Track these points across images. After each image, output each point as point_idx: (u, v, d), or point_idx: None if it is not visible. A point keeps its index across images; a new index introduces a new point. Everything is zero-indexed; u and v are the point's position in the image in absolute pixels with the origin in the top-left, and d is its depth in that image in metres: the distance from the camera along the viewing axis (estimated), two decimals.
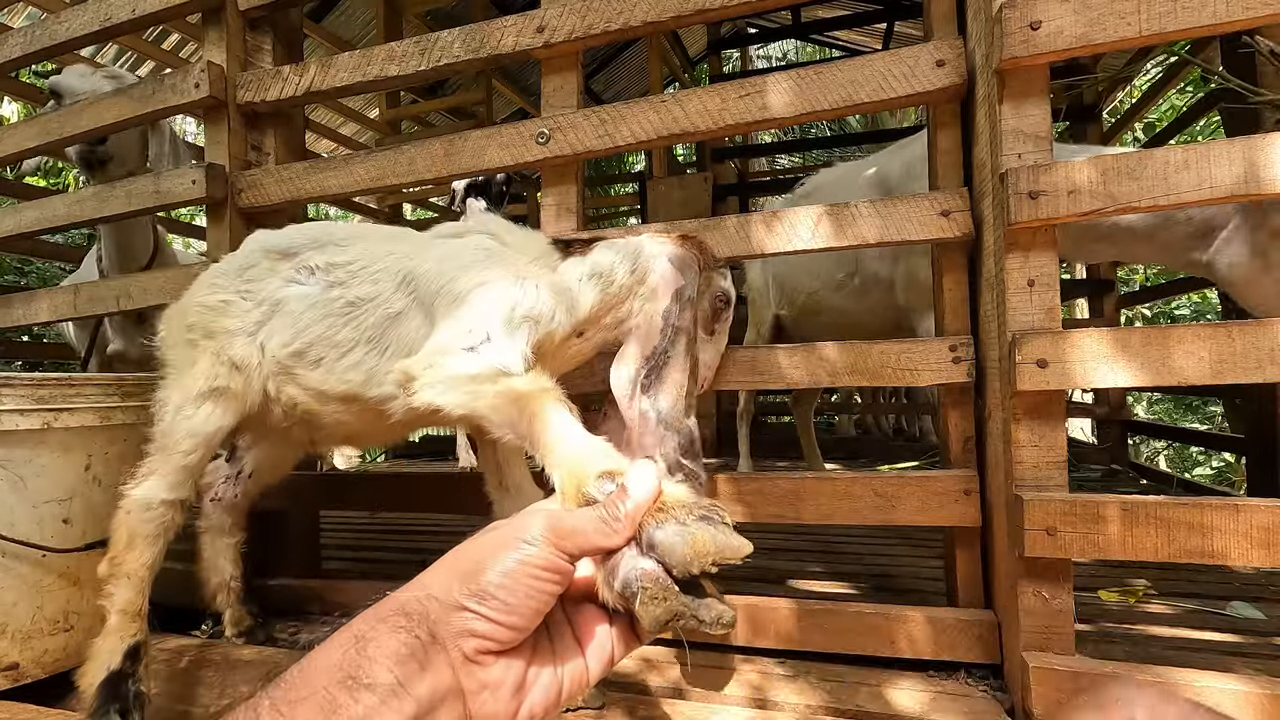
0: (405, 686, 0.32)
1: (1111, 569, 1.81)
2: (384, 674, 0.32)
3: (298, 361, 1.17)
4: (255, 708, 0.30)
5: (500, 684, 0.36)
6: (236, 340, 1.21)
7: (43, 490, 1.28)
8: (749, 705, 1.15)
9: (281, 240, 1.28)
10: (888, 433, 4.96)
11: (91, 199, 1.85)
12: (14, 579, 1.25)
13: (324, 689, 0.31)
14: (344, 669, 0.32)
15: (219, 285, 1.26)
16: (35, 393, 1.25)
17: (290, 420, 1.26)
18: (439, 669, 0.34)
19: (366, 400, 1.14)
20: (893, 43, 5.56)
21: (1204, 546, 0.97)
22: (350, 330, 1.14)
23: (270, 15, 1.81)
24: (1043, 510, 1.04)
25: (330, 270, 1.19)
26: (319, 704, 0.30)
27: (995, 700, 1.11)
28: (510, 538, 0.38)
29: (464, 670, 0.35)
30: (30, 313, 1.99)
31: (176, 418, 1.22)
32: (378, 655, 0.33)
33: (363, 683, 0.31)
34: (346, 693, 0.31)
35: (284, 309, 1.20)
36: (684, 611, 0.38)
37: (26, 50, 1.95)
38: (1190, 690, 0.95)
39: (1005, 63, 1.08)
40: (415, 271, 1.12)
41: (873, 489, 1.26)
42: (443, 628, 0.35)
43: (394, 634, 0.33)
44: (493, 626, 0.35)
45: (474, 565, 0.37)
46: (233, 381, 1.20)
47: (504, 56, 1.52)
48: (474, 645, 0.35)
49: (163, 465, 1.21)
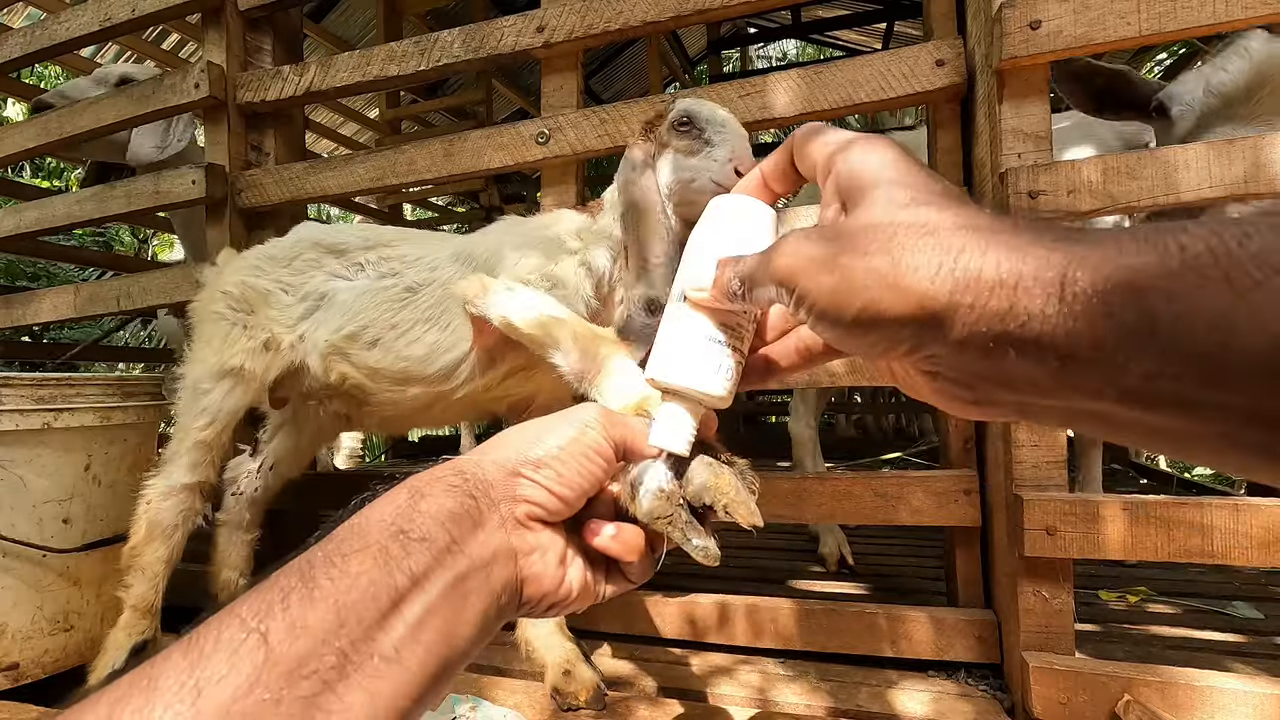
0: (458, 543, 0.33)
1: (1111, 568, 1.81)
2: (437, 530, 0.32)
3: (351, 343, 1.21)
4: (309, 559, 0.30)
5: (548, 549, 0.37)
6: (275, 327, 1.25)
7: (43, 490, 1.28)
8: (749, 705, 1.15)
9: (332, 236, 1.31)
10: (888, 432, 4.96)
11: (91, 199, 1.85)
12: (14, 579, 1.25)
13: (377, 542, 0.31)
14: (397, 524, 0.32)
15: (263, 270, 1.29)
16: (35, 393, 1.25)
17: (332, 394, 1.29)
18: (492, 529, 0.35)
19: (425, 376, 1.17)
20: (892, 42, 5.56)
21: (1204, 546, 0.97)
22: (409, 312, 1.18)
23: (270, 15, 1.81)
24: (1042, 510, 1.04)
25: (382, 263, 1.24)
26: (372, 556, 0.30)
27: (995, 700, 1.11)
28: (569, 418, 0.40)
29: (515, 533, 0.36)
30: (31, 313, 1.99)
31: (193, 394, 1.25)
32: (431, 510, 0.33)
33: (414, 537, 0.31)
34: (399, 545, 0.31)
35: (331, 302, 1.24)
36: (676, 517, 0.40)
37: (26, 50, 1.95)
38: (1191, 690, 0.95)
39: (1005, 62, 1.08)
40: (471, 248, 1.19)
41: (873, 489, 1.26)
42: (497, 490, 0.36)
43: (448, 493, 0.34)
44: (545, 494, 0.37)
45: (533, 437, 0.39)
46: (254, 362, 1.23)
47: (504, 56, 1.52)
48: (525, 510, 0.36)
49: (179, 446, 1.24)
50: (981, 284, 0.25)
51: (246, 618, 0.27)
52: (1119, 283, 0.23)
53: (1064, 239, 0.25)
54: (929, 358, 0.29)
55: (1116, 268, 0.23)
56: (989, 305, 0.25)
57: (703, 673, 1.24)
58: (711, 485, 0.40)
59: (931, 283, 0.26)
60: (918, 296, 0.27)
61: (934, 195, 0.29)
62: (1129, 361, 0.23)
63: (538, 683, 1.17)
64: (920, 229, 0.28)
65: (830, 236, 0.31)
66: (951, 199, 0.29)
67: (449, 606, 0.31)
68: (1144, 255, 0.23)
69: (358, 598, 0.28)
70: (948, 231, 0.27)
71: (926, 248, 0.27)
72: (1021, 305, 0.25)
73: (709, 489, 0.40)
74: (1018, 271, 0.25)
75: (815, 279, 0.30)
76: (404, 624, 0.29)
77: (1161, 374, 0.23)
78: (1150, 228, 0.23)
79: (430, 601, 0.30)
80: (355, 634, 0.28)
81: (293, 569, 0.30)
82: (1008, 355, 0.26)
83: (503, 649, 1.32)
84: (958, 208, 0.28)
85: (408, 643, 0.29)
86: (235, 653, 0.26)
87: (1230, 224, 0.22)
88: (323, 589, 0.28)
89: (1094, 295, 0.23)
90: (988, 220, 0.27)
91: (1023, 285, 0.25)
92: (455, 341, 1.15)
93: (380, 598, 0.29)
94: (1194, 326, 0.21)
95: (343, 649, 0.27)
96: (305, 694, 0.26)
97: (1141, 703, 0.96)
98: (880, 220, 0.29)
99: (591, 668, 1.16)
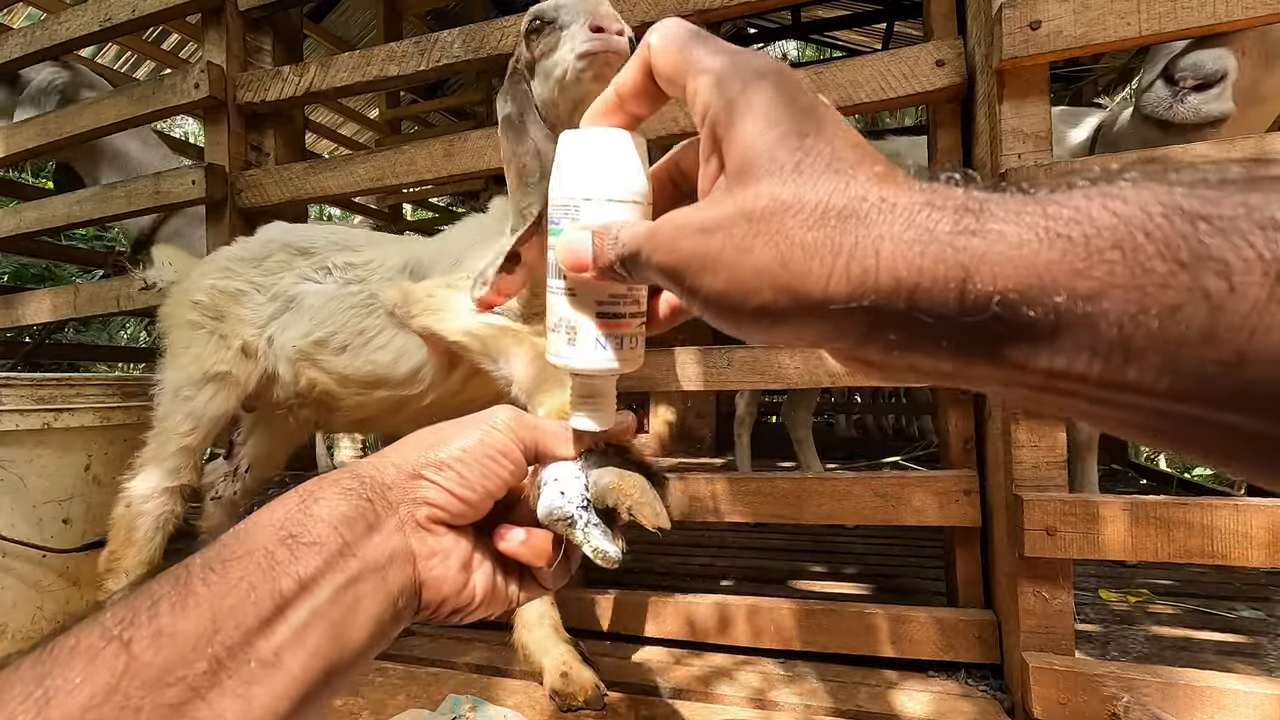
0: (351, 546, 0.31)
1: (1112, 568, 1.81)
2: (329, 533, 0.31)
3: (320, 349, 1.21)
4: (186, 567, 0.28)
5: (450, 553, 0.36)
6: (247, 330, 1.24)
7: (42, 490, 1.28)
8: (749, 705, 1.15)
9: (302, 237, 1.30)
10: (888, 432, 4.96)
11: (91, 200, 1.85)
12: (14, 579, 1.25)
13: (263, 547, 0.29)
14: (286, 528, 0.31)
15: (234, 271, 1.28)
16: (35, 393, 1.25)
17: (301, 401, 1.29)
18: (389, 531, 0.34)
19: (392, 380, 1.18)
20: (892, 43, 5.56)
21: (1204, 546, 0.97)
22: (374, 319, 1.18)
23: (270, 15, 1.81)
24: (1042, 510, 1.04)
25: (349, 269, 1.23)
26: (256, 562, 0.29)
27: (995, 700, 1.11)
28: (475, 421, 0.39)
29: (415, 536, 0.35)
30: (32, 312, 1.99)
31: (175, 400, 1.23)
32: (323, 514, 0.32)
33: (303, 541, 0.30)
34: (287, 550, 0.30)
35: (300, 304, 1.23)
36: (576, 518, 0.39)
37: (26, 50, 1.95)
38: (1191, 690, 0.95)
39: (1005, 62, 1.08)
40: (419, 254, 1.20)
41: (873, 489, 1.26)
42: (396, 492, 0.35)
43: (343, 496, 0.33)
44: (446, 496, 0.36)
45: (437, 439, 0.38)
46: (237, 368, 1.23)
47: (504, 56, 1.51)
48: (426, 513, 0.35)
49: (160, 450, 1.22)
50: (880, 287, 0.23)
51: (110, 625, 0.26)
52: (1019, 284, 0.21)
53: (969, 230, 0.22)
54: (832, 348, 0.28)
55: (1018, 268, 0.21)
56: (889, 306, 0.23)
57: (703, 673, 1.24)
58: (614, 487, 0.39)
59: (825, 287, 0.24)
60: (813, 302, 0.24)
61: (825, 158, 0.25)
62: (1029, 361, 0.22)
63: (537, 683, 1.17)
64: (810, 214, 0.25)
65: (711, 225, 0.27)
66: (845, 161, 0.25)
67: (338, 610, 0.30)
68: (1046, 250, 0.21)
69: (235, 603, 0.27)
70: (838, 218, 0.24)
71: (817, 243, 0.24)
72: (922, 306, 0.23)
73: (612, 490, 0.39)
74: (916, 270, 0.23)
75: (700, 279, 0.27)
76: (288, 628, 0.28)
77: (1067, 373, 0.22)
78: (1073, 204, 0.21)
79: (317, 605, 0.29)
80: (232, 639, 0.27)
81: (168, 575, 0.28)
82: (911, 351, 0.24)
83: (502, 650, 1.32)
84: (852, 176, 0.25)
85: (290, 646, 0.28)
86: (93, 661, 0.24)
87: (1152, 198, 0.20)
88: (197, 595, 0.27)
89: (995, 295, 0.21)
90: (881, 195, 0.24)
91: (921, 288, 0.23)
92: (416, 347, 1.16)
93: (262, 603, 0.28)
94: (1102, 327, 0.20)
95: (216, 655, 0.26)
96: (171, 701, 0.24)
97: (1141, 703, 0.96)
98: (765, 202, 0.26)
99: (589, 668, 1.16)
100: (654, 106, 0.35)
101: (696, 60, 0.29)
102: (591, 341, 0.37)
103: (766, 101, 0.27)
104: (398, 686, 1.19)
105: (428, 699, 1.15)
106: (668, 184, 0.37)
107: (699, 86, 0.29)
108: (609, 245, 0.32)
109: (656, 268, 0.30)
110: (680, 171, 0.37)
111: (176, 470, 1.22)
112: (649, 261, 0.30)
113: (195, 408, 1.22)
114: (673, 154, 0.37)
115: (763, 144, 0.26)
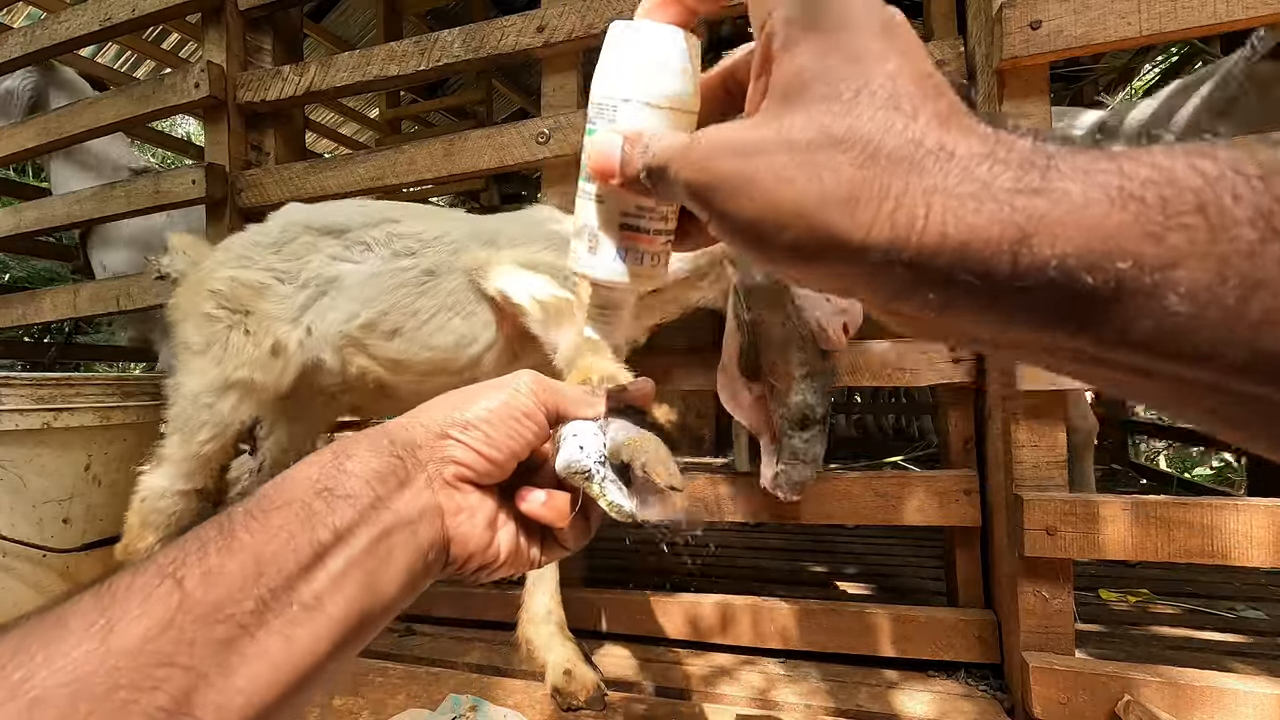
0: (384, 500, 0.33)
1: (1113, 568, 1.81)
2: (362, 487, 0.32)
3: (369, 333, 1.14)
4: (229, 515, 0.30)
5: (476, 511, 0.37)
6: (279, 326, 1.16)
7: (42, 490, 1.28)
8: (749, 705, 1.15)
9: (325, 216, 1.22)
10: (888, 432, 4.96)
11: (91, 199, 1.85)
12: (14, 579, 1.25)
13: (300, 499, 0.31)
14: (321, 482, 0.32)
15: (252, 259, 1.20)
16: (35, 392, 1.25)
17: (346, 388, 1.24)
18: (418, 488, 0.35)
19: (453, 367, 1.14)
20: None
21: (1204, 546, 0.97)
22: (429, 299, 1.12)
23: (270, 15, 1.81)
24: (1042, 510, 1.04)
25: (394, 241, 1.15)
26: (295, 513, 0.30)
27: (995, 700, 1.11)
28: (500, 384, 0.40)
29: (443, 493, 0.36)
30: (32, 311, 1.99)
31: (195, 405, 1.17)
32: (356, 470, 0.33)
33: (338, 494, 0.31)
34: (323, 502, 0.31)
35: (340, 286, 1.15)
36: (594, 472, 0.39)
37: (26, 50, 1.95)
38: (1191, 690, 0.95)
39: (1005, 62, 1.08)
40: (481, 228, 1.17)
41: (873, 489, 1.26)
42: (424, 451, 0.36)
43: (374, 452, 0.34)
44: (473, 455, 0.37)
45: (463, 400, 0.39)
46: (263, 372, 1.15)
47: (504, 56, 1.52)
48: (453, 471, 0.36)
49: (178, 453, 1.19)
50: (925, 242, 0.21)
51: (163, 565, 0.27)
52: (1080, 249, 0.19)
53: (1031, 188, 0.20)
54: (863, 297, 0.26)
55: (1082, 230, 0.19)
56: (931, 263, 0.22)
57: (704, 673, 1.24)
58: (629, 443, 0.39)
59: (866, 234, 0.22)
60: (849, 248, 0.23)
61: (886, 90, 0.23)
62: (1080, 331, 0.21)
63: (537, 683, 1.17)
64: (860, 151, 0.23)
65: (751, 147, 0.25)
66: (907, 97, 0.23)
67: (374, 559, 0.31)
68: (1117, 213, 0.19)
69: (277, 549, 0.29)
70: (889, 160, 0.22)
71: (863, 184, 0.22)
72: (969, 267, 0.21)
73: (627, 446, 0.39)
74: (968, 227, 0.21)
75: (733, 202, 0.25)
76: (326, 575, 0.30)
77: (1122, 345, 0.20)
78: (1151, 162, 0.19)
79: (354, 555, 0.31)
80: (275, 583, 0.28)
81: (213, 522, 0.30)
82: (947, 311, 0.23)
83: (502, 649, 1.32)
84: (911, 116, 0.23)
85: (329, 592, 0.29)
86: (149, 597, 0.26)
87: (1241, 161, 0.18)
88: (241, 540, 0.29)
89: (1052, 260, 0.20)
90: (940, 140, 0.22)
91: (971, 248, 0.21)
92: (480, 331, 1.12)
93: (301, 550, 0.29)
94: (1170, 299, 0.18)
95: (261, 596, 0.27)
96: (221, 637, 0.26)
97: (1141, 703, 0.96)
98: (813, 132, 0.24)
99: (592, 668, 1.16)
100: (714, 6, 0.33)
101: None
102: (612, 252, 0.36)
103: (835, 17, 0.24)
104: (398, 686, 1.19)
105: (428, 699, 1.15)
106: (720, 93, 0.35)
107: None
108: (639, 153, 0.31)
109: (685, 185, 0.28)
110: (735, 81, 0.34)
111: (191, 475, 1.20)
112: (677, 178, 0.28)
113: (215, 416, 1.15)
114: (729, 60, 0.34)
115: (822, 67, 0.24)
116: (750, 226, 0.25)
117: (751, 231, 0.25)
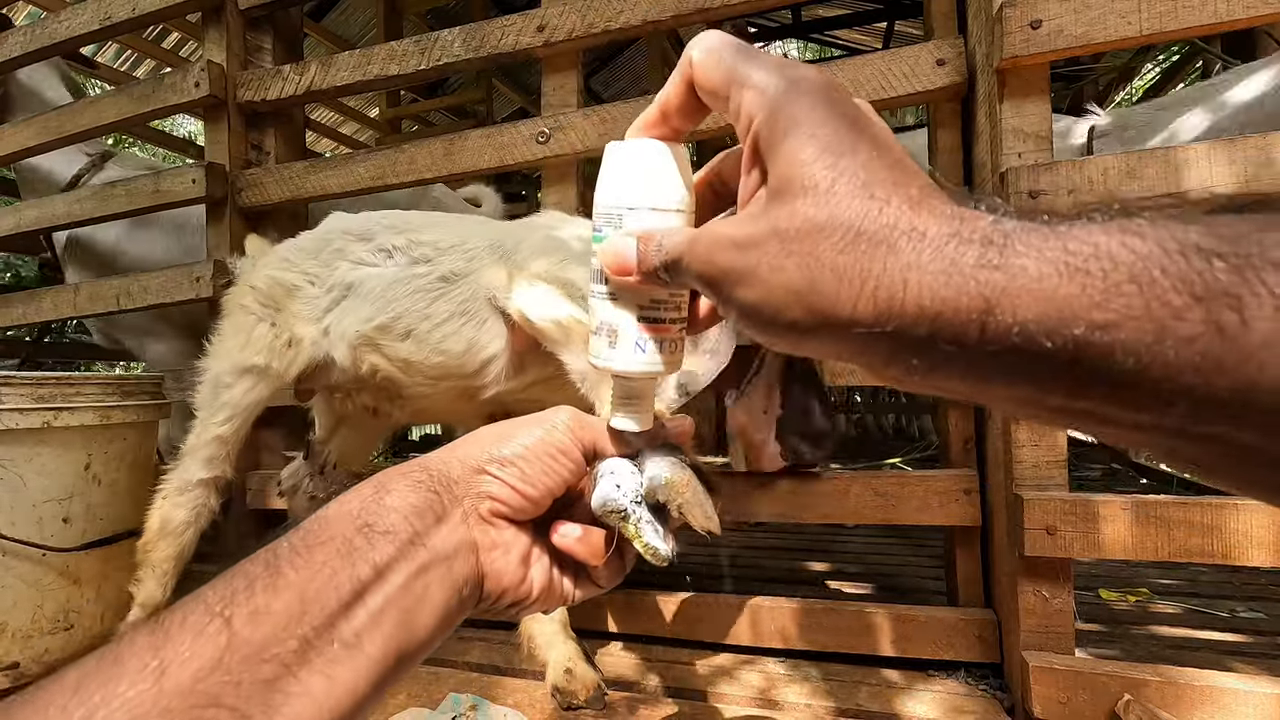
0: (421, 536, 0.33)
1: (1112, 567, 1.81)
2: (401, 523, 0.33)
3: (383, 334, 1.18)
4: (275, 550, 0.31)
5: (510, 547, 0.38)
6: (301, 325, 1.23)
7: (42, 489, 1.28)
8: (750, 705, 1.15)
9: (358, 223, 1.29)
10: (888, 432, 4.96)
11: (91, 199, 1.85)
12: (14, 578, 1.25)
13: (341, 535, 0.32)
14: (361, 517, 0.33)
15: (292, 263, 1.27)
16: (35, 392, 1.25)
17: (360, 386, 1.28)
18: (454, 523, 0.35)
19: (465, 371, 1.15)
20: (893, 42, 5.56)
21: (1204, 546, 0.97)
22: (442, 304, 1.15)
23: (270, 14, 1.81)
24: (1042, 509, 1.04)
25: (413, 248, 1.19)
26: (336, 548, 0.31)
27: (995, 699, 1.11)
28: (538, 419, 0.41)
29: (479, 528, 0.37)
30: (32, 311, 1.99)
31: (215, 387, 1.25)
32: (395, 504, 0.34)
33: (378, 530, 0.32)
34: (364, 538, 0.32)
35: (359, 290, 1.21)
36: (630, 512, 0.39)
37: (27, 49, 1.95)
38: (1191, 690, 0.95)
39: (1005, 62, 1.08)
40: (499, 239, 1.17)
41: (873, 489, 1.26)
42: (461, 486, 0.37)
43: (413, 488, 0.35)
44: (509, 491, 0.37)
45: (500, 436, 0.39)
46: (278, 361, 1.22)
47: (504, 55, 1.52)
48: (489, 507, 0.37)
49: (198, 440, 1.24)
50: (905, 314, 0.24)
51: (212, 603, 0.28)
52: (1039, 316, 0.22)
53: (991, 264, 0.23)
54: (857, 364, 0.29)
55: (1038, 300, 0.22)
56: (912, 332, 0.25)
57: (704, 672, 1.24)
58: (667, 482, 0.40)
59: (852, 310, 0.25)
60: (839, 323, 0.26)
61: (861, 180, 0.26)
62: (1047, 388, 0.23)
63: (538, 682, 1.17)
64: (841, 237, 0.26)
65: (746, 241, 0.28)
66: (881, 185, 0.26)
67: (410, 596, 0.32)
68: (1066, 284, 0.22)
69: (321, 586, 0.29)
70: (868, 243, 0.25)
71: (846, 267, 0.25)
72: (944, 335, 0.24)
73: (664, 487, 0.40)
74: (940, 300, 0.24)
75: (735, 291, 0.29)
76: (366, 612, 0.30)
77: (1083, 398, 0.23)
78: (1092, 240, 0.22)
79: (392, 592, 0.31)
80: (317, 621, 0.29)
81: (259, 558, 0.31)
82: (932, 374, 0.26)
83: (502, 648, 1.32)
84: (885, 201, 0.26)
85: (368, 630, 0.30)
86: (199, 636, 0.26)
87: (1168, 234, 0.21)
88: (287, 578, 0.29)
89: (1015, 327, 0.23)
90: (912, 223, 0.25)
91: (944, 318, 0.24)
92: (490, 339, 1.14)
93: (343, 587, 0.30)
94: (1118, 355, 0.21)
95: (304, 635, 0.28)
96: (266, 677, 0.27)
97: (1141, 702, 0.96)
98: (798, 223, 0.27)
99: (593, 667, 1.16)
100: (696, 120, 0.36)
101: (741, 75, 0.30)
102: (632, 344, 0.38)
103: (810, 119, 0.28)
104: (398, 685, 1.19)
105: (428, 698, 1.15)
106: (708, 191, 0.38)
107: (743, 100, 0.30)
108: (653, 251, 0.34)
109: (696, 275, 0.31)
110: (720, 180, 0.38)
111: (210, 460, 1.23)
112: (689, 269, 0.31)
113: (232, 397, 1.22)
114: (714, 163, 0.38)
115: (801, 162, 0.27)
116: (754, 310, 0.28)
117: (755, 314, 0.29)
